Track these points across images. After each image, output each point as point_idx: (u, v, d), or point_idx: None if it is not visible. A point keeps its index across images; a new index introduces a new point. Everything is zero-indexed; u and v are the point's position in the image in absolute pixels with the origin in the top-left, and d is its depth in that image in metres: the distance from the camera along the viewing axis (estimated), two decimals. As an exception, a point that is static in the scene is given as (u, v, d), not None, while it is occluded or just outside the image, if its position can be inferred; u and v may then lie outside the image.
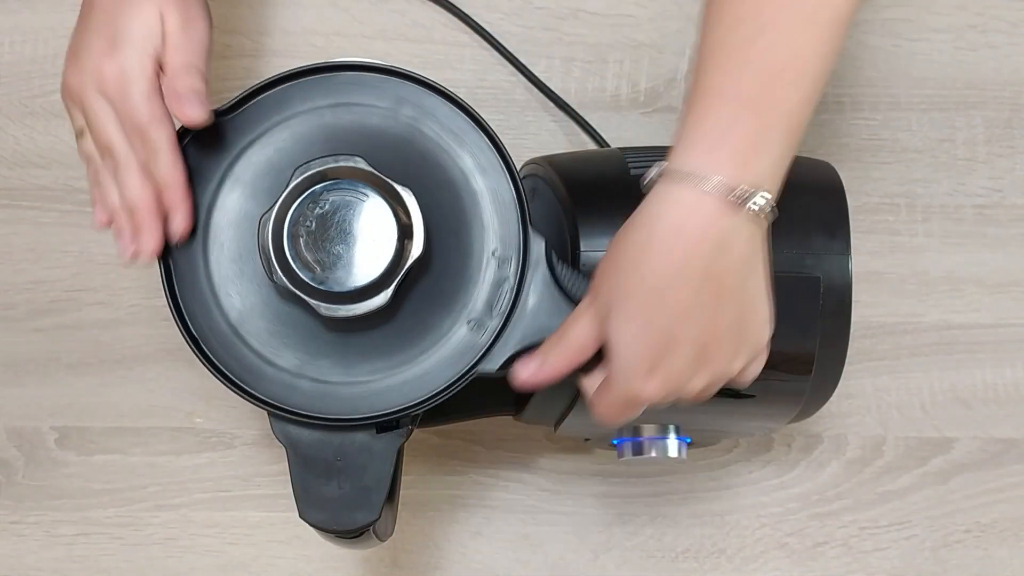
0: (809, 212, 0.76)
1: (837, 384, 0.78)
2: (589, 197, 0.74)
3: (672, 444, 0.83)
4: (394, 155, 0.68)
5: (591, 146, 0.97)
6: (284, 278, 0.65)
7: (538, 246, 0.68)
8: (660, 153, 0.63)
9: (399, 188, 0.65)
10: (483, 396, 0.84)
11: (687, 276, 0.60)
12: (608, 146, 0.96)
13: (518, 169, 0.69)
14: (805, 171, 0.80)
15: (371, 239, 0.65)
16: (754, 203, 0.59)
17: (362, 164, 0.66)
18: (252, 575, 0.95)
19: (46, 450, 0.96)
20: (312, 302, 0.65)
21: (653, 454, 0.83)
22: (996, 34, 0.99)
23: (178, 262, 0.68)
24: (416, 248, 0.65)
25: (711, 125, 0.59)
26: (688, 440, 0.84)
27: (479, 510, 0.96)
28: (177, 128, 0.68)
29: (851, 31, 0.98)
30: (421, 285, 0.68)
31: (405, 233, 0.65)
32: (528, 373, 0.66)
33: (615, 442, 0.85)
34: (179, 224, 0.67)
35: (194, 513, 0.96)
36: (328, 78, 0.69)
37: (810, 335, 0.75)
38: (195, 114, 0.66)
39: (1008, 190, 0.98)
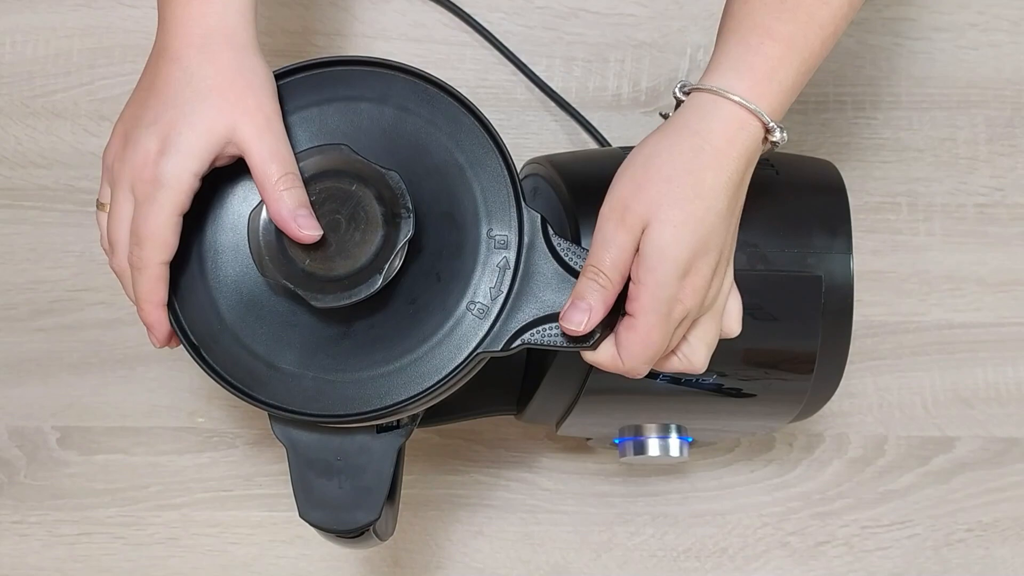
0: (811, 211, 0.76)
1: (839, 383, 0.78)
2: (591, 196, 0.74)
3: (674, 443, 0.83)
4: (382, 143, 0.67)
5: (592, 145, 0.97)
6: (274, 271, 0.64)
7: (533, 222, 0.67)
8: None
9: (385, 172, 0.65)
10: (485, 395, 0.84)
11: (730, 186, 0.65)
12: (609, 145, 0.96)
13: (517, 168, 0.69)
14: (807, 170, 0.80)
15: (360, 225, 0.65)
16: (779, 134, 0.66)
17: (347, 152, 0.65)
18: (254, 575, 0.95)
19: (48, 450, 0.96)
20: (304, 293, 0.64)
21: (655, 453, 0.83)
22: (997, 33, 0.99)
23: (174, 271, 0.67)
24: (405, 231, 0.64)
25: (759, 62, 0.65)
26: (689, 439, 0.84)
27: (481, 509, 0.96)
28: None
29: (853, 30, 0.98)
30: (418, 272, 0.67)
31: (393, 216, 0.64)
32: (577, 320, 0.65)
33: (616, 441, 0.85)
34: (152, 340, 0.67)
35: (196, 513, 0.96)
36: (314, 75, 0.68)
37: (812, 334, 0.75)
38: (311, 234, 0.64)
39: (1009, 189, 0.98)
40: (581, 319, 0.65)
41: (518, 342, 0.66)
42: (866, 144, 0.98)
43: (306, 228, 0.63)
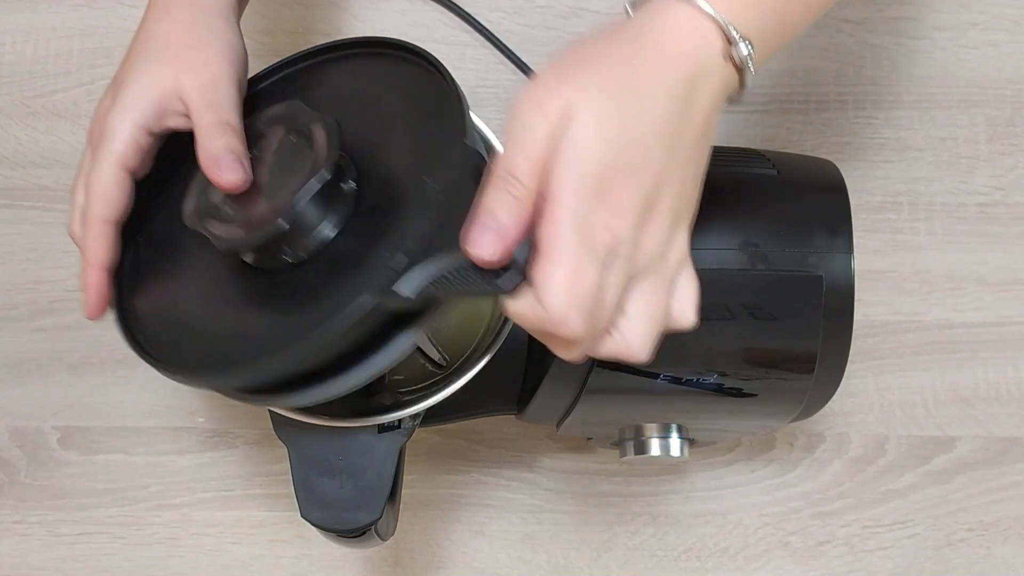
0: (812, 211, 0.76)
1: (839, 383, 0.78)
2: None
3: (674, 443, 0.83)
4: (347, 108, 0.65)
5: (593, 145, 0.97)
6: (193, 217, 0.62)
7: (466, 167, 0.58)
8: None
9: (322, 117, 0.62)
10: (485, 395, 0.84)
11: (674, 94, 0.53)
12: (610, 145, 0.96)
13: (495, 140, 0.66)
14: (808, 169, 0.80)
15: (290, 172, 0.61)
16: (744, 50, 0.55)
17: (296, 104, 0.63)
18: (254, 574, 0.95)
19: (48, 450, 0.96)
20: (208, 233, 0.61)
21: (655, 453, 0.83)
22: (998, 32, 0.99)
23: (148, 256, 0.66)
24: (319, 171, 0.59)
25: None
26: (690, 439, 0.84)
27: (481, 509, 0.96)
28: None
29: (853, 30, 0.98)
30: (354, 222, 0.61)
31: (323, 161, 0.60)
32: (486, 244, 0.51)
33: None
34: (85, 310, 0.64)
35: (196, 512, 0.96)
36: (292, 72, 0.68)
37: (812, 334, 0.75)
38: (232, 178, 0.61)
39: (1010, 188, 0.98)
40: (490, 241, 0.51)
41: (420, 289, 0.55)
42: (867, 144, 0.98)
43: (226, 171, 0.60)
